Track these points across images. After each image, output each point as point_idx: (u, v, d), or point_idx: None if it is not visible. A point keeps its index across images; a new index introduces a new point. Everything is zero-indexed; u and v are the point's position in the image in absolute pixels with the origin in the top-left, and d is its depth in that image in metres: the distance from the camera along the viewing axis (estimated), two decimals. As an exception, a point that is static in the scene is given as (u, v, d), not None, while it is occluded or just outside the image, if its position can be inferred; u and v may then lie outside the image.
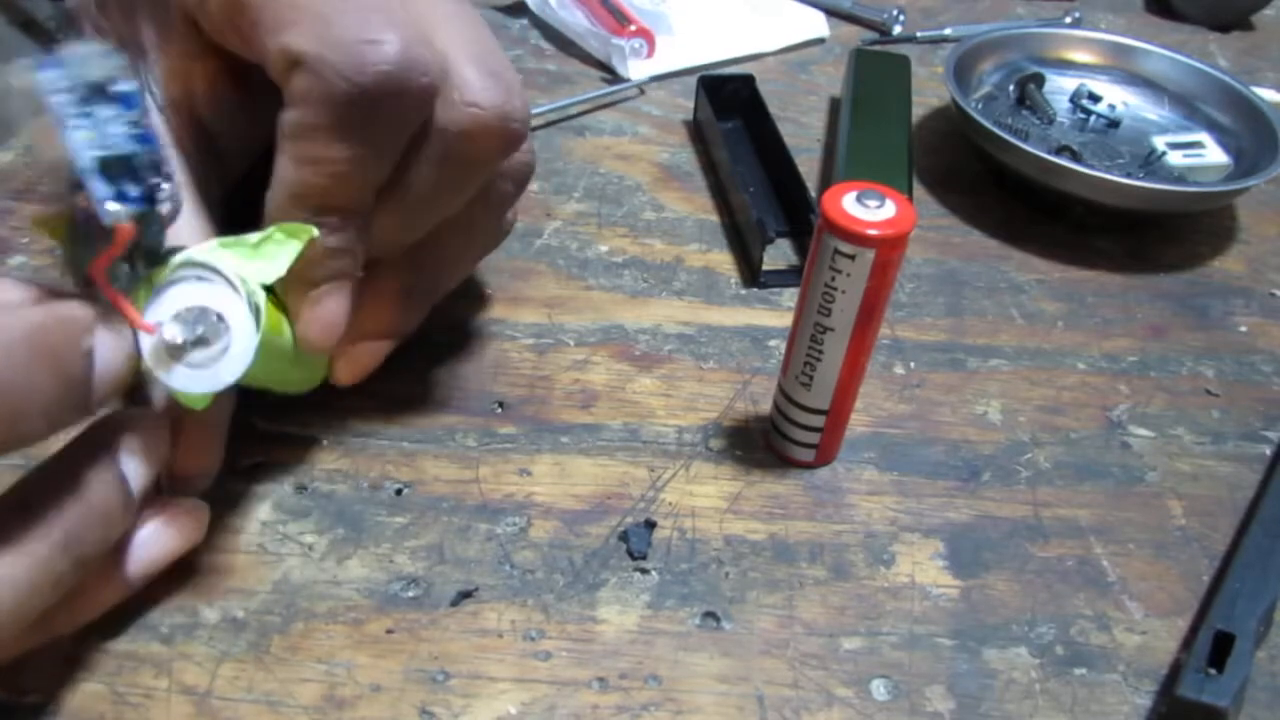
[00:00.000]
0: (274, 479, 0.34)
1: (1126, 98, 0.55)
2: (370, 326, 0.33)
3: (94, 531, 0.25)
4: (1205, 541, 0.35)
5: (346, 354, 0.33)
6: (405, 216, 0.31)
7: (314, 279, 0.30)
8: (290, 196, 0.28)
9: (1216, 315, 0.45)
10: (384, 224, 0.30)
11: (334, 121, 0.27)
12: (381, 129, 0.28)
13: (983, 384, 0.40)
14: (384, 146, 0.29)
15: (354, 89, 0.27)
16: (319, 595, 0.31)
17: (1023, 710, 0.30)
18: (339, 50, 0.26)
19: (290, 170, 0.28)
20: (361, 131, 0.28)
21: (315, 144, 0.27)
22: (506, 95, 0.30)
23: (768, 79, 0.56)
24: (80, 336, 0.23)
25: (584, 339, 0.40)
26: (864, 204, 0.30)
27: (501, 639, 0.30)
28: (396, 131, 0.29)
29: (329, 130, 0.27)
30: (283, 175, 0.28)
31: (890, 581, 0.33)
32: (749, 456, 0.36)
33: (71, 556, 0.24)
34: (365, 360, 0.34)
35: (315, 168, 0.28)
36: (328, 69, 0.26)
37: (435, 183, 0.30)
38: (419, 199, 0.31)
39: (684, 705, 0.29)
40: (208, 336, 0.25)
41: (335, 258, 0.29)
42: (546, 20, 0.61)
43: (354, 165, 0.28)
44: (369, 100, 0.27)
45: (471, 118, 0.29)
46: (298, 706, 0.28)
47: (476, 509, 0.34)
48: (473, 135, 0.30)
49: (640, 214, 0.47)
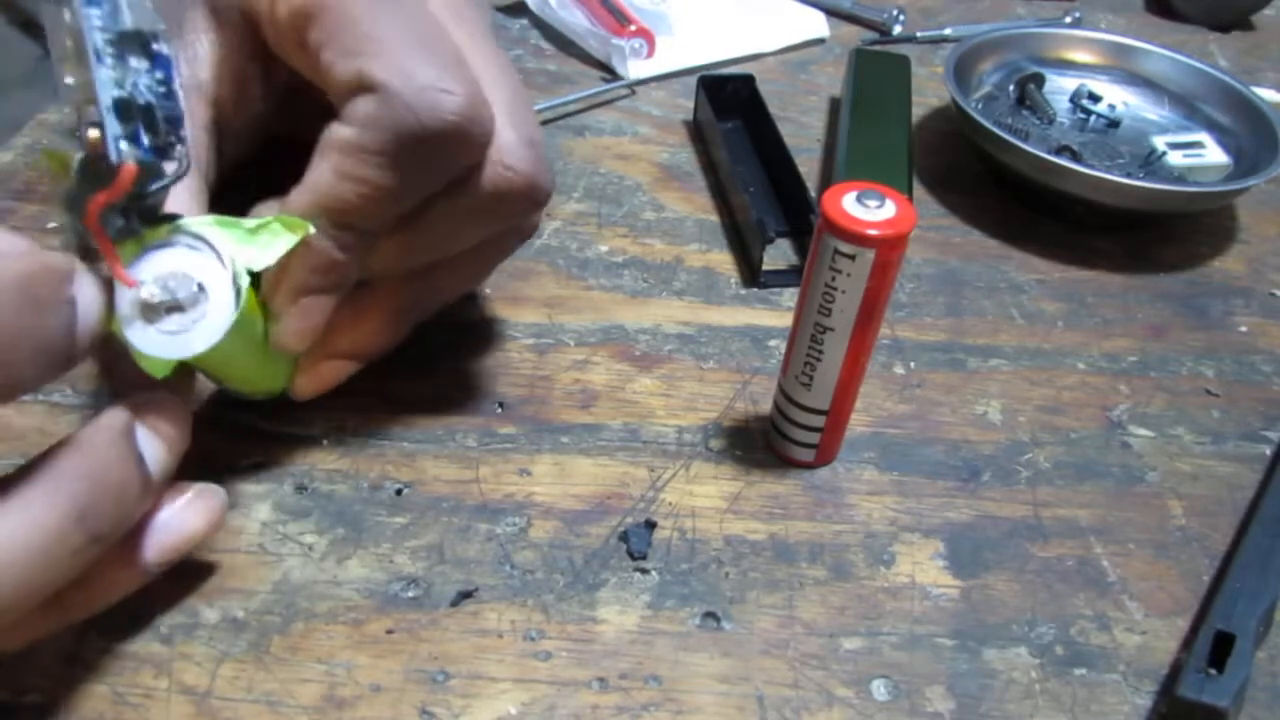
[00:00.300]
0: (274, 479, 0.34)
1: (1126, 98, 0.55)
2: (344, 346, 0.34)
3: (109, 506, 0.25)
4: (1205, 541, 0.35)
5: (314, 369, 0.34)
6: (410, 248, 0.32)
7: (308, 285, 0.30)
8: (318, 203, 0.29)
9: (1216, 315, 0.45)
10: (388, 250, 0.32)
11: (389, 151, 0.28)
12: (428, 170, 0.29)
13: (983, 384, 0.40)
14: (423, 185, 0.30)
15: (419, 128, 0.28)
16: (319, 595, 0.31)
17: (1023, 710, 0.30)
18: (415, 89, 0.28)
19: (328, 180, 0.29)
20: (410, 167, 0.29)
21: (363, 165, 0.29)
22: (539, 165, 0.32)
23: (768, 79, 0.56)
24: (64, 283, 0.23)
25: (584, 339, 0.40)
26: (864, 204, 0.30)
27: (501, 639, 0.30)
28: (440, 175, 0.30)
29: (381, 157, 0.28)
30: (318, 183, 0.29)
31: (890, 581, 0.33)
32: (749, 456, 0.36)
33: (86, 530, 0.24)
34: (329, 377, 0.34)
35: (354, 186, 0.29)
36: (399, 104, 0.28)
37: (451, 226, 0.32)
38: (429, 236, 0.32)
39: (684, 705, 0.29)
40: (184, 305, 0.26)
41: (336, 271, 0.30)
42: (546, 20, 0.61)
43: (390, 194, 0.29)
44: (429, 141, 0.28)
45: (506, 180, 0.31)
46: (298, 706, 0.28)
47: (476, 509, 0.34)
48: (502, 196, 0.31)
49: (640, 214, 0.47)
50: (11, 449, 0.33)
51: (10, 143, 0.47)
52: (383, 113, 0.28)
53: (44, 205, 0.43)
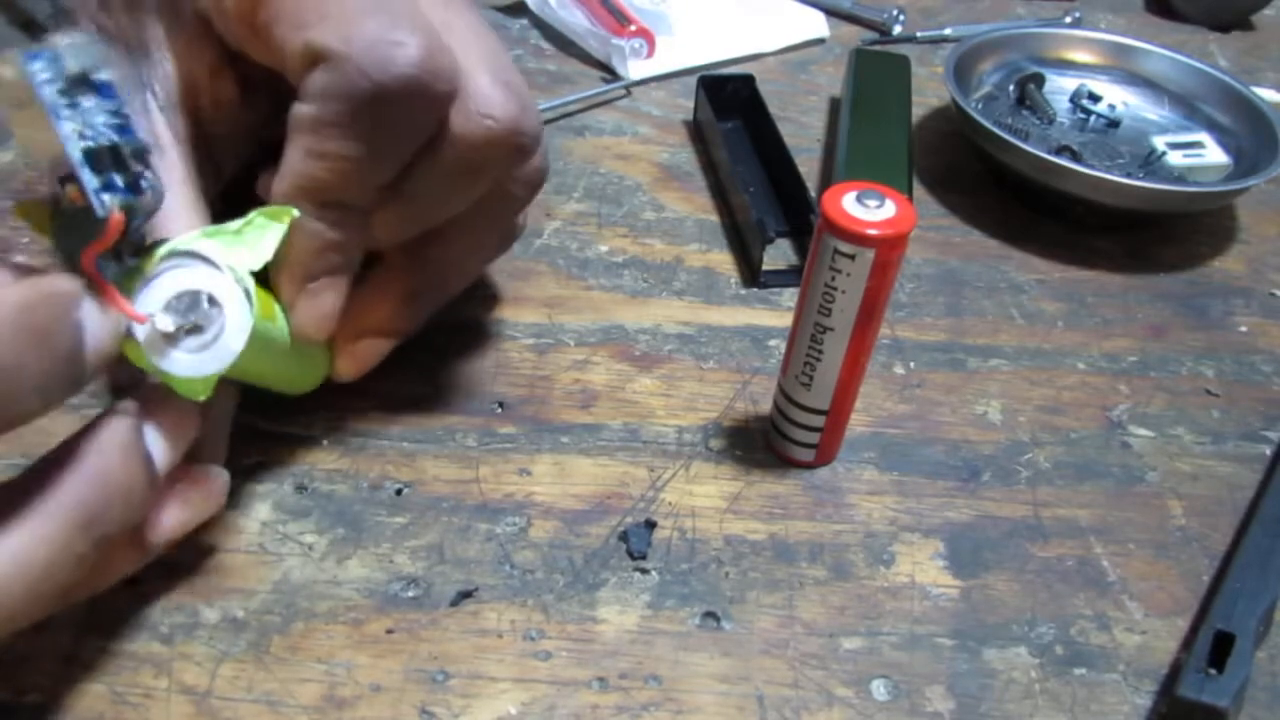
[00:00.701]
0: (274, 479, 0.34)
1: (1126, 98, 0.55)
2: (374, 323, 0.33)
3: (115, 511, 0.25)
4: (1205, 541, 0.35)
5: (349, 350, 0.34)
6: (407, 215, 0.31)
7: (311, 271, 0.30)
8: (296, 188, 0.29)
9: (1216, 315, 0.45)
10: (385, 220, 0.31)
11: (350, 119, 0.27)
12: (395, 130, 0.28)
13: (983, 384, 0.40)
14: (396, 147, 0.29)
15: (375, 88, 0.27)
16: (319, 595, 0.31)
17: (1023, 710, 0.30)
18: (363, 49, 0.27)
19: (299, 162, 0.28)
20: (375, 131, 0.28)
21: (328, 139, 0.28)
22: (520, 109, 0.30)
23: (768, 79, 0.56)
24: (68, 310, 0.23)
25: (584, 339, 0.40)
26: (864, 204, 0.30)
27: (501, 639, 0.30)
28: (410, 134, 0.29)
29: (343, 127, 0.28)
30: (291, 167, 0.29)
31: (890, 581, 0.33)
32: (749, 456, 0.36)
33: (92, 536, 0.24)
34: (367, 356, 0.34)
35: (325, 162, 0.28)
36: (350, 66, 0.27)
37: (441, 186, 0.31)
38: (423, 200, 0.31)
39: (684, 705, 0.29)
40: (200, 322, 0.26)
41: (333, 251, 0.30)
42: (546, 20, 0.61)
43: (364, 163, 0.28)
44: (388, 100, 0.27)
45: (485, 129, 0.30)
46: (298, 706, 0.28)
47: (476, 509, 0.34)
48: (484, 146, 0.30)
49: (640, 214, 0.47)
50: (11, 449, 0.33)
51: (10, 143, 0.47)
52: (332, 80, 0.27)
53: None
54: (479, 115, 0.30)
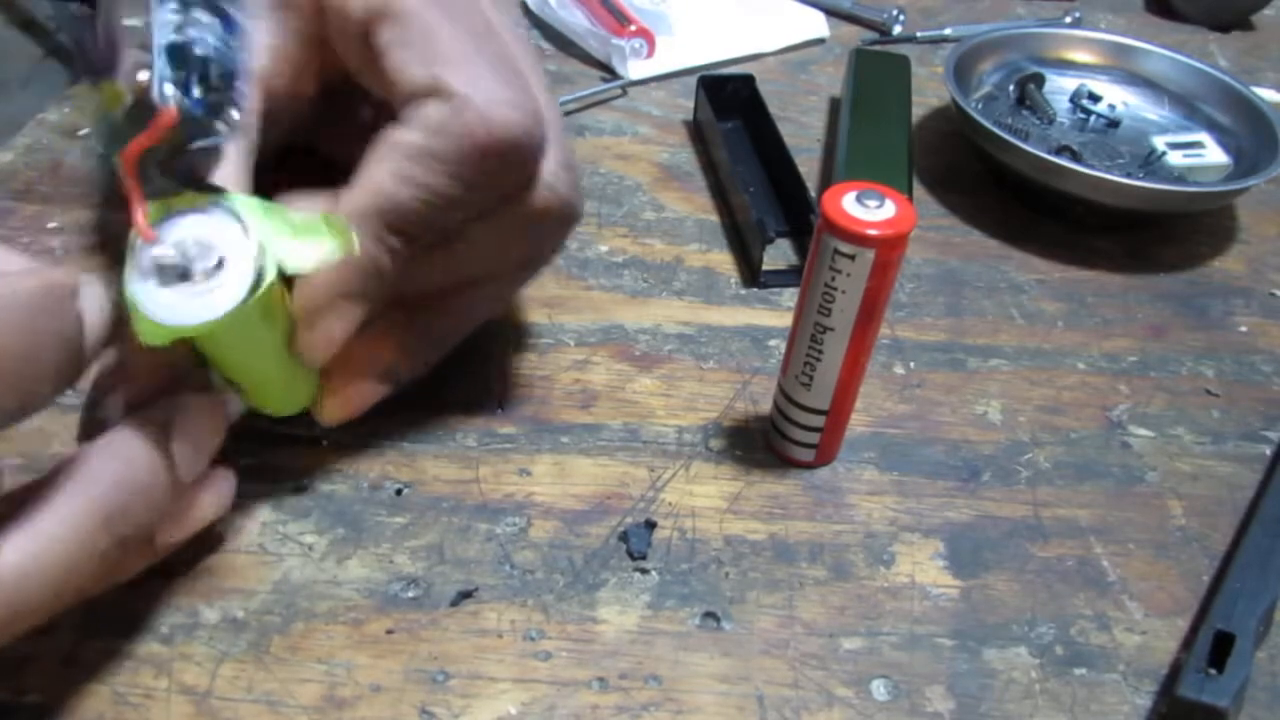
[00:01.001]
0: (274, 479, 0.34)
1: (1126, 98, 0.55)
2: (374, 366, 0.33)
3: (138, 513, 0.25)
4: (1205, 541, 0.35)
5: (342, 391, 0.33)
6: (450, 264, 0.32)
7: (347, 288, 0.29)
8: (376, 205, 0.29)
9: (1216, 315, 0.45)
10: (427, 265, 0.31)
11: (455, 157, 0.29)
12: (489, 181, 0.30)
13: (983, 384, 0.40)
14: (480, 197, 0.30)
15: (489, 139, 0.29)
16: (319, 595, 0.31)
17: (1023, 710, 0.30)
18: (490, 101, 0.29)
19: (387, 183, 0.29)
20: (473, 176, 0.29)
21: (426, 171, 0.29)
22: (576, 188, 0.33)
23: (768, 79, 0.56)
24: (71, 299, 0.23)
25: (584, 339, 0.40)
26: (864, 204, 0.30)
27: (501, 639, 0.30)
28: (497, 187, 0.31)
29: (446, 164, 0.29)
30: (376, 184, 0.29)
31: (890, 581, 0.33)
32: (749, 456, 0.36)
33: (113, 535, 0.24)
34: (358, 400, 0.33)
35: (415, 191, 0.29)
36: (473, 113, 0.28)
37: (489, 242, 0.32)
38: (472, 253, 0.32)
39: (684, 705, 0.29)
40: (198, 275, 0.25)
41: (375, 278, 0.30)
42: (546, 20, 0.61)
43: (450, 203, 0.29)
44: (495, 153, 0.29)
45: (545, 201, 0.32)
46: (298, 706, 0.28)
47: (476, 509, 0.34)
48: (542, 215, 0.32)
49: (640, 214, 0.47)
50: (11, 449, 0.33)
51: (10, 143, 0.47)
52: (451, 120, 0.28)
53: (44, 205, 0.43)
54: (544, 186, 0.31)
